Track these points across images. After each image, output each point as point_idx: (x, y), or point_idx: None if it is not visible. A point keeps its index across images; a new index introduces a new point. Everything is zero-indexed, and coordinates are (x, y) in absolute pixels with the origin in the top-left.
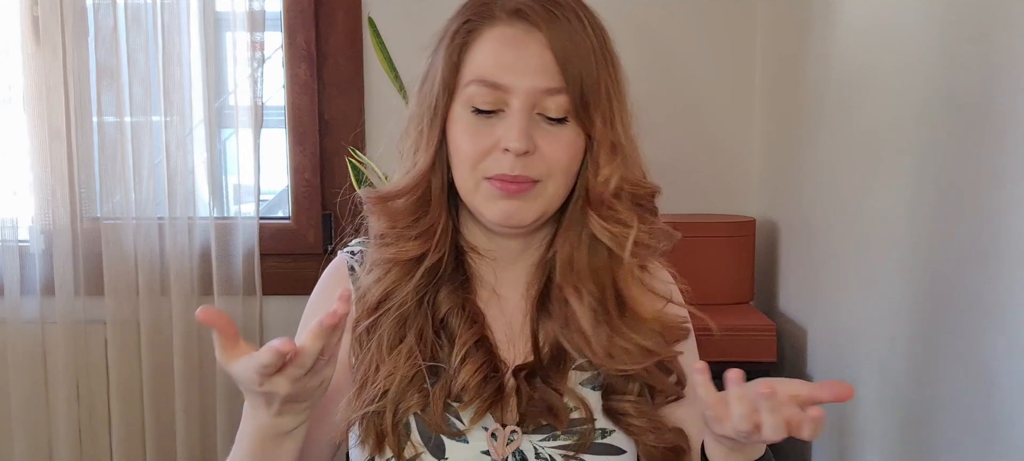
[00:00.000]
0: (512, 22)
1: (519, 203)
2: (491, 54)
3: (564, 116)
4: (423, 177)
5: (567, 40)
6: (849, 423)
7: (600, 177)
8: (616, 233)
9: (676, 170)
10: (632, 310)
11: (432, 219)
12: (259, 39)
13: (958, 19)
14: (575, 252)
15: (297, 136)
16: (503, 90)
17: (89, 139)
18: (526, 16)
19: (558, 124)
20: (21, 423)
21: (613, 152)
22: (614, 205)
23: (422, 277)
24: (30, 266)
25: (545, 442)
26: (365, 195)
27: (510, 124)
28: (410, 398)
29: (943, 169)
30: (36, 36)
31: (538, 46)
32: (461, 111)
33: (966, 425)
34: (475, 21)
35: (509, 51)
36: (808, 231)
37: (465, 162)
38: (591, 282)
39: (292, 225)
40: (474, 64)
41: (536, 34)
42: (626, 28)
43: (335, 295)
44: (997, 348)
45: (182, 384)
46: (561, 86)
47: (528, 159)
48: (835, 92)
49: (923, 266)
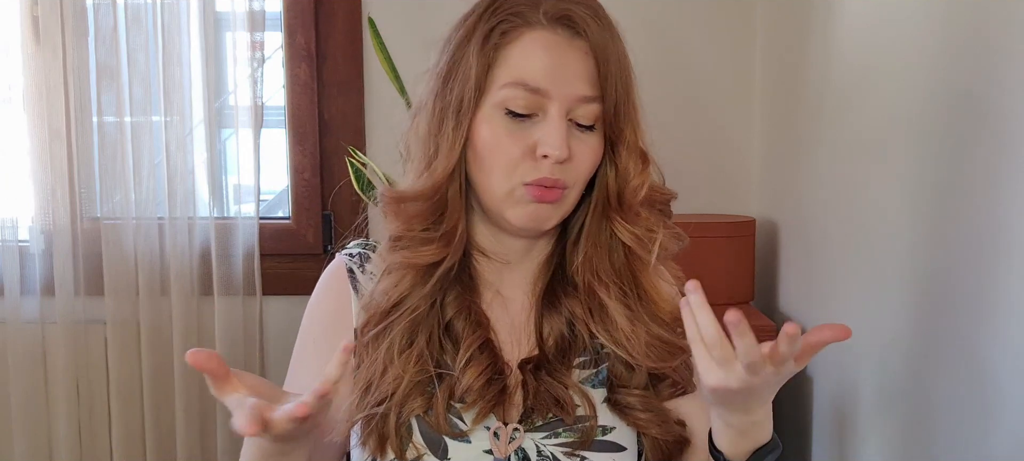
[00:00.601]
0: (555, 28)
1: (549, 209)
2: (534, 58)
3: (593, 124)
4: (444, 180)
5: (608, 53)
6: (849, 423)
7: (631, 185)
8: (642, 236)
9: (676, 170)
10: (656, 306)
11: (451, 224)
12: (259, 39)
13: (958, 19)
14: (595, 254)
15: (297, 136)
16: (542, 95)
17: (89, 139)
18: (572, 23)
19: (588, 131)
20: (21, 423)
21: (643, 161)
22: (641, 212)
23: (436, 283)
24: (30, 266)
25: (547, 439)
26: (382, 194)
27: (550, 130)
28: (414, 401)
29: (943, 169)
30: (36, 36)
31: (581, 54)
32: (491, 112)
33: (966, 425)
34: (513, 21)
35: (552, 56)
36: (808, 231)
37: (500, 166)
38: (615, 282)
39: (292, 225)
40: (512, 66)
41: (579, 42)
42: (626, 28)
43: (334, 298)
44: (997, 348)
45: (182, 384)
46: (597, 95)
47: (564, 165)
48: (835, 92)
49: (923, 266)
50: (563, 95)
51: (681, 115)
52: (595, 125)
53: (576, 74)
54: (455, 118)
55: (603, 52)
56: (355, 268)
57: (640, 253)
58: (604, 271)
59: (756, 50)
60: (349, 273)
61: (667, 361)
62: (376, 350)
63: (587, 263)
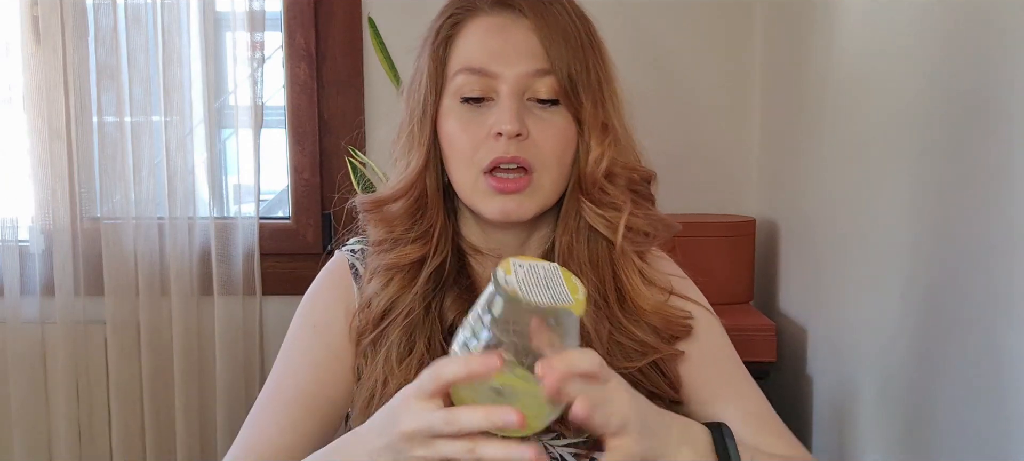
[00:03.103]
0: (496, 11)
1: (517, 199)
2: (477, 43)
3: (555, 98)
4: (418, 178)
5: (552, 24)
6: (849, 423)
7: (591, 157)
8: (609, 217)
9: (676, 170)
10: (633, 302)
11: (430, 220)
12: (259, 39)
13: (958, 19)
14: (574, 242)
15: (297, 136)
16: (491, 77)
17: (89, 139)
18: (510, 4)
19: (550, 108)
20: (21, 423)
21: (603, 132)
22: (606, 188)
23: (427, 282)
24: (30, 266)
25: (554, 441)
26: (359, 201)
27: (502, 108)
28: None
29: (943, 168)
30: (36, 36)
31: (524, 31)
32: (450, 103)
33: (966, 425)
34: (458, 14)
35: (495, 38)
36: (808, 231)
37: (461, 154)
38: (591, 273)
39: (292, 225)
40: (461, 55)
41: (521, 20)
42: (625, 28)
43: (336, 291)
44: (997, 348)
45: (182, 384)
46: (548, 67)
47: (521, 142)
48: (835, 92)
49: (923, 266)
50: (512, 74)
51: (681, 115)
52: (559, 101)
53: (522, 52)
54: (420, 116)
55: (545, 25)
56: (358, 264)
57: (607, 236)
58: (578, 260)
59: (756, 50)
60: (351, 268)
61: (635, 362)
62: (375, 358)
63: (565, 252)
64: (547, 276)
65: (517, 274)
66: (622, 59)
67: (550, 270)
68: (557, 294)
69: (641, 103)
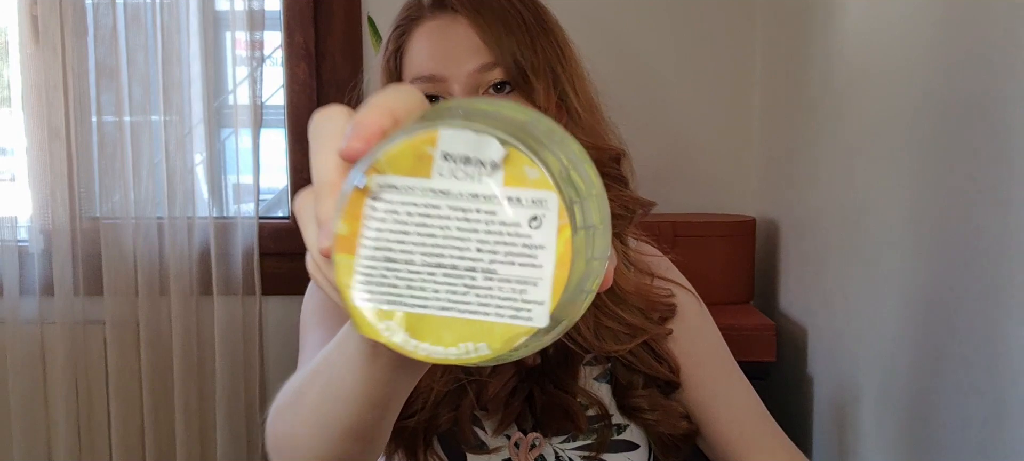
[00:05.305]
0: (435, 14)
1: None
2: (422, 50)
3: (507, 82)
4: None
5: (491, 17)
6: (849, 423)
7: None
8: None
9: (676, 170)
10: (616, 284)
11: None
12: (258, 38)
13: (957, 19)
14: None
15: (296, 135)
16: (441, 80)
17: (88, 139)
18: (445, 4)
19: (508, 95)
20: (20, 423)
21: (558, 113)
22: None
23: None
24: (29, 266)
25: (565, 444)
26: None
27: None
28: (441, 415)
29: (943, 168)
30: (35, 36)
31: (463, 29)
32: None
33: (966, 425)
34: (403, 25)
35: (438, 42)
36: (808, 231)
37: None
38: None
39: (291, 225)
40: (411, 65)
41: (459, 18)
42: (625, 28)
43: None
44: (998, 348)
45: (181, 384)
46: (493, 60)
47: None
48: (835, 92)
49: (923, 266)
50: (459, 74)
51: (681, 115)
52: (512, 86)
53: (464, 50)
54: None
55: (481, 18)
56: None
57: None
58: None
59: (756, 50)
60: None
61: (625, 344)
62: None
63: None
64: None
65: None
66: (622, 59)
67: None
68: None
69: (641, 103)
